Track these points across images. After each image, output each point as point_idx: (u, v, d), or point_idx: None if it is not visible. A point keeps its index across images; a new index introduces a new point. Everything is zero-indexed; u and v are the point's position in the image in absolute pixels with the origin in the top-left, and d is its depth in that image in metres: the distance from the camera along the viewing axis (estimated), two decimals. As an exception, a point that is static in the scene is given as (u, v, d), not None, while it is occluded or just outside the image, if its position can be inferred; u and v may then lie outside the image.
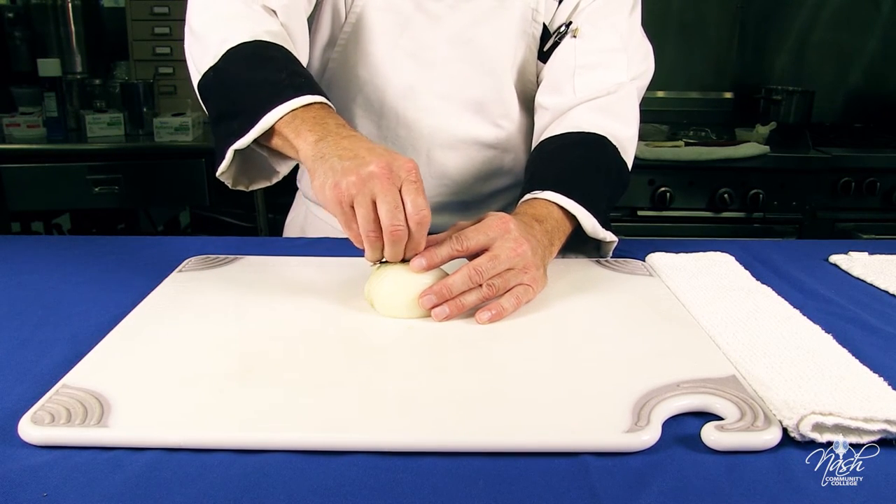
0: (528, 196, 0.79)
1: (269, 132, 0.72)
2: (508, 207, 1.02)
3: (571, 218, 0.78)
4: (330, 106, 0.74)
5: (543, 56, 0.94)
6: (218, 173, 0.78)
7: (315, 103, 0.72)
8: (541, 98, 0.93)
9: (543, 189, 0.78)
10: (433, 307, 0.65)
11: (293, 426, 0.47)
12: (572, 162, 0.84)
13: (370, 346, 0.61)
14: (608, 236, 0.81)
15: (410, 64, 0.92)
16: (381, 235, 0.63)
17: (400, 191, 0.62)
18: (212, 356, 0.57)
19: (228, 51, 0.77)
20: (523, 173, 0.99)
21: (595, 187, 0.81)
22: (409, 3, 0.90)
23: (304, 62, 0.87)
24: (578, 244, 0.83)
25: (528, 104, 0.97)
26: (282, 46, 0.78)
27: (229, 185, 0.82)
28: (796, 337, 0.61)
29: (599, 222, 0.79)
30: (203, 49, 0.80)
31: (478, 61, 0.92)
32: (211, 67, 0.78)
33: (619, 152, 0.87)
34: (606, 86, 0.89)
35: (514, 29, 0.92)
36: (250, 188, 0.84)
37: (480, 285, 0.65)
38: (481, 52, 0.92)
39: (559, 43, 0.92)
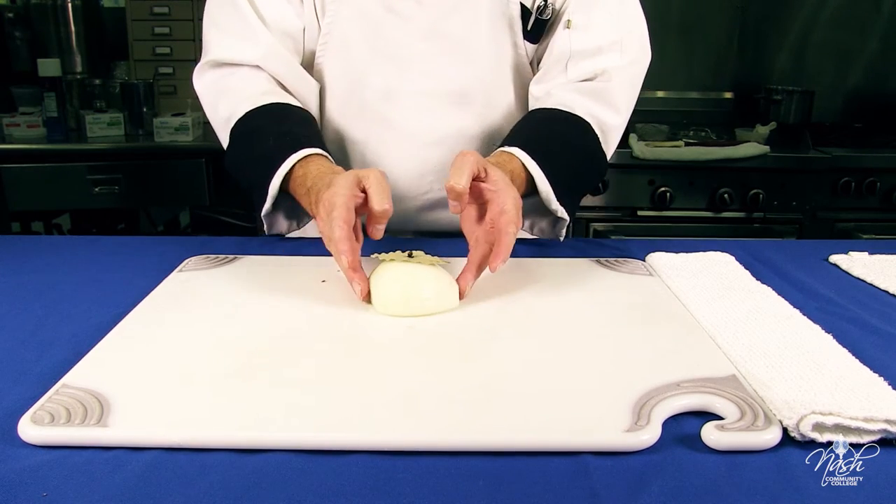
0: (500, 150, 0.84)
1: (286, 189, 0.82)
2: None
3: (531, 181, 0.81)
4: (309, 155, 0.80)
5: (529, 35, 0.94)
6: (268, 233, 0.88)
7: (297, 161, 0.79)
8: (533, 88, 0.94)
9: (512, 146, 0.83)
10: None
11: (293, 426, 0.47)
12: (549, 133, 0.88)
13: (370, 345, 0.61)
14: (560, 211, 0.84)
15: (389, 66, 0.93)
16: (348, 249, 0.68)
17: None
18: (212, 356, 0.57)
19: (231, 132, 0.89)
20: None
21: (562, 161, 0.85)
22: (378, 6, 0.91)
23: (306, 87, 0.93)
24: (536, 216, 0.87)
25: (517, 90, 0.98)
26: (270, 105, 0.87)
27: (284, 232, 0.90)
28: (796, 337, 0.61)
29: (556, 194, 0.82)
30: (219, 134, 0.93)
31: (454, 53, 0.93)
32: (227, 149, 0.91)
33: (598, 141, 0.89)
34: (598, 72, 0.91)
35: (485, 15, 0.92)
36: (300, 226, 0.91)
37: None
38: (456, 43, 0.92)
39: (542, 21, 0.92)
